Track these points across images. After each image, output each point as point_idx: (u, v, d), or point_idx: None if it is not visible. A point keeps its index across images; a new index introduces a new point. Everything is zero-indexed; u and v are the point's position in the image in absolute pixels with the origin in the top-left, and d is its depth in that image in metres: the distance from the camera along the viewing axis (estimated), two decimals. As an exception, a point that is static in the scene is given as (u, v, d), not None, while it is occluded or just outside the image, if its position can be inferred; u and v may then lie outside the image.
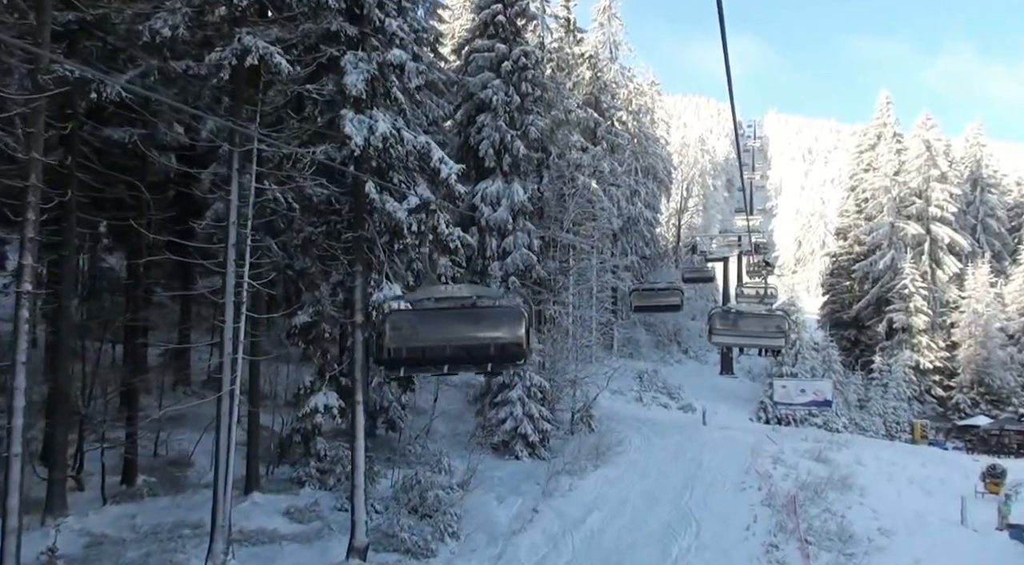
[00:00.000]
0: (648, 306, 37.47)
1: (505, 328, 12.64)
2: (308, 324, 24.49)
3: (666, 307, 37.78)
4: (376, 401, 33.00)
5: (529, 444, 36.74)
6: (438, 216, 23.57)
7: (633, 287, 37.43)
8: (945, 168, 77.24)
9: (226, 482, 21.12)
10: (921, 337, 71.59)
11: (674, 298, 34.94)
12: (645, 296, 35.84)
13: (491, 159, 43.33)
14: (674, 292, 34.89)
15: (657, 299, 35.50)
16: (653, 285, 34.44)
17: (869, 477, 39.58)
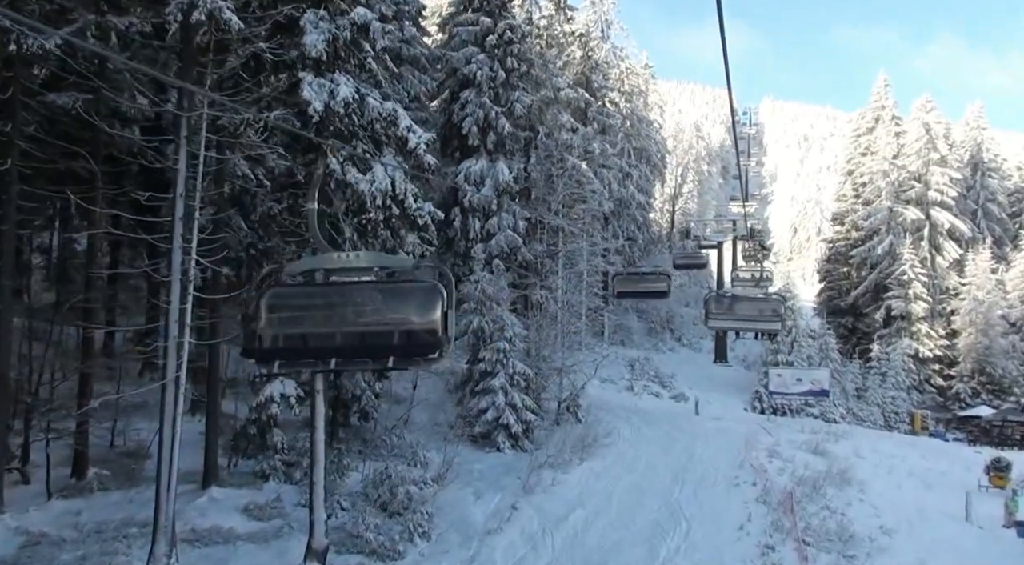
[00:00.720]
0: (632, 292, 34.05)
1: (415, 310, 9.15)
2: None
3: (652, 293, 34.76)
4: (348, 389, 31.17)
5: (512, 435, 34.88)
6: (406, 189, 21.62)
7: (617, 271, 34.17)
8: (945, 152, 75.37)
9: (170, 478, 19.32)
10: (920, 325, 69.92)
11: (661, 284, 31.70)
12: (629, 281, 32.40)
13: (475, 137, 41.54)
14: (660, 277, 31.79)
15: (642, 285, 32.21)
16: (638, 269, 31.45)
17: (868, 470, 37.93)
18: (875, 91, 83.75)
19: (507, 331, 35.75)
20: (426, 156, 22.07)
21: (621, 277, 31.44)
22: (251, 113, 18.81)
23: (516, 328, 36.48)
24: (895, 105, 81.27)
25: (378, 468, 27.30)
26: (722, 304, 22.81)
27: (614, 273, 32.16)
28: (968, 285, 70.44)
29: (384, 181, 20.74)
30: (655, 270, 31.19)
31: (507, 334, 35.68)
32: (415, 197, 22.49)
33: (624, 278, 31.47)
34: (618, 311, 70.65)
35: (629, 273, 31.49)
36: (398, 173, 21.39)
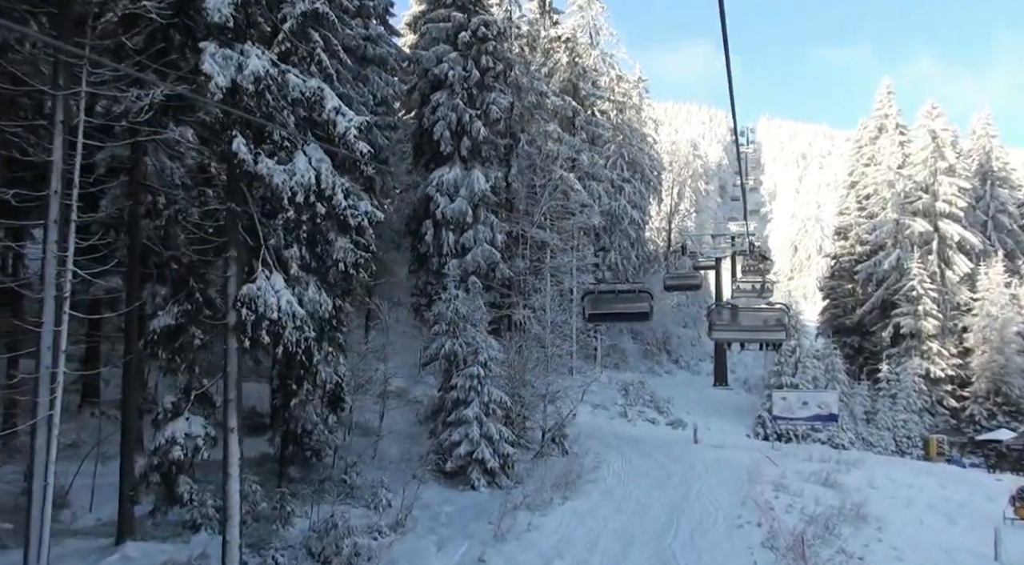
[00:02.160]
0: (607, 314, 26.20)
1: None
2: (172, 328, 18.64)
3: (630, 316, 27.41)
4: (299, 423, 27.53)
5: (487, 471, 31.21)
6: (334, 183, 17.98)
7: (587, 289, 26.24)
8: (953, 160, 71.73)
9: (40, 540, 15.59)
10: (931, 343, 66.14)
11: (641, 304, 24.48)
12: (603, 301, 24.72)
13: (447, 142, 38.10)
14: (640, 296, 24.49)
15: (619, 305, 24.64)
16: (613, 286, 24.46)
17: (885, 504, 34.23)
18: (878, 99, 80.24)
19: (482, 355, 32.12)
20: (358, 143, 18.41)
21: (592, 296, 24.07)
22: (132, 90, 15.18)
23: (492, 351, 32.84)
24: (899, 113, 77.83)
25: (329, 515, 23.66)
26: (725, 315, 22.62)
27: (583, 291, 25.33)
28: (981, 300, 66.71)
29: (307, 174, 17.15)
30: (634, 287, 24.33)
31: (481, 358, 32.05)
32: (347, 193, 18.84)
33: (596, 298, 24.16)
34: (611, 332, 67.08)
35: (602, 291, 24.27)
36: (324, 165, 17.81)
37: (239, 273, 17.19)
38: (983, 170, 78.88)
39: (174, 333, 18.61)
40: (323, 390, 27.42)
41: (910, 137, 76.03)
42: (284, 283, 16.94)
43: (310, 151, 17.78)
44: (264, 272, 16.73)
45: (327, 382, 27.28)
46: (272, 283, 16.65)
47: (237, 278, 17.10)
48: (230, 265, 17.25)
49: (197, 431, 17.97)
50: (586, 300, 23.25)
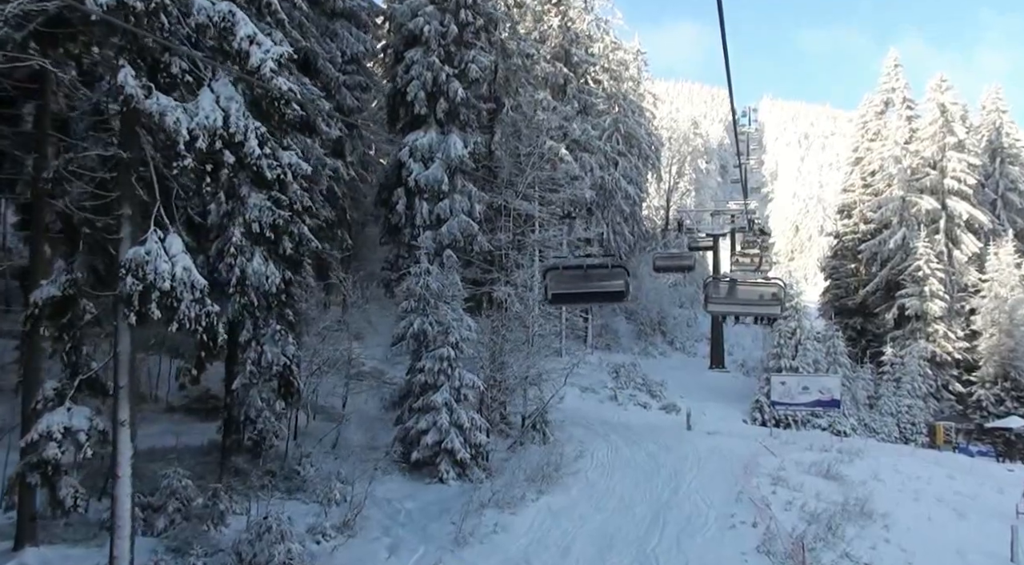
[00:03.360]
0: (573, 295, 20.40)
1: None
2: (57, 301, 15.56)
3: (602, 296, 21.61)
4: (242, 409, 24.77)
5: (458, 463, 28.46)
6: (247, 127, 15.06)
7: (549, 265, 19.27)
8: (963, 135, 68.44)
9: None
10: (937, 325, 63.17)
11: (615, 281, 19.06)
12: (568, 279, 19.13)
13: (422, 104, 35.20)
14: (614, 272, 19.08)
15: (588, 284, 19.16)
16: (581, 261, 17.84)
17: (891, 498, 31.65)
18: (884, 72, 76.77)
19: (453, 335, 29.30)
20: (278, 79, 15.46)
21: (556, 273, 18.82)
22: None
23: (465, 331, 29.98)
24: (907, 86, 74.40)
25: (263, 515, 20.87)
26: (721, 288, 21.92)
27: (544, 267, 18.78)
28: (989, 281, 63.65)
29: (212, 114, 14.24)
30: (606, 261, 18.93)
31: (452, 338, 29.23)
32: (263, 139, 15.88)
33: (560, 274, 18.80)
34: (604, 312, 64.34)
35: (568, 267, 18.60)
36: (235, 105, 14.90)
37: (133, 235, 14.32)
38: (992, 147, 75.65)
39: (61, 306, 15.65)
40: (270, 372, 24.65)
41: (917, 112, 72.88)
42: (183, 246, 14.04)
43: (219, 88, 14.86)
44: (157, 233, 13.84)
45: (274, 364, 24.49)
46: (167, 246, 13.77)
47: (130, 240, 14.23)
48: (123, 224, 14.37)
49: (80, 424, 14.91)
50: (548, 277, 17.91)
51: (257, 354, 24.40)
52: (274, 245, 24.06)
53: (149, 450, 25.97)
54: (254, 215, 17.67)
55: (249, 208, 17.61)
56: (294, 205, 19.35)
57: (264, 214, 17.97)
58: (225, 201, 17.85)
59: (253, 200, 17.72)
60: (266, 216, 17.98)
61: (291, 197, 18.86)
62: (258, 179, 16.70)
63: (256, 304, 23.93)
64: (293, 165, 17.00)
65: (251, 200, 17.71)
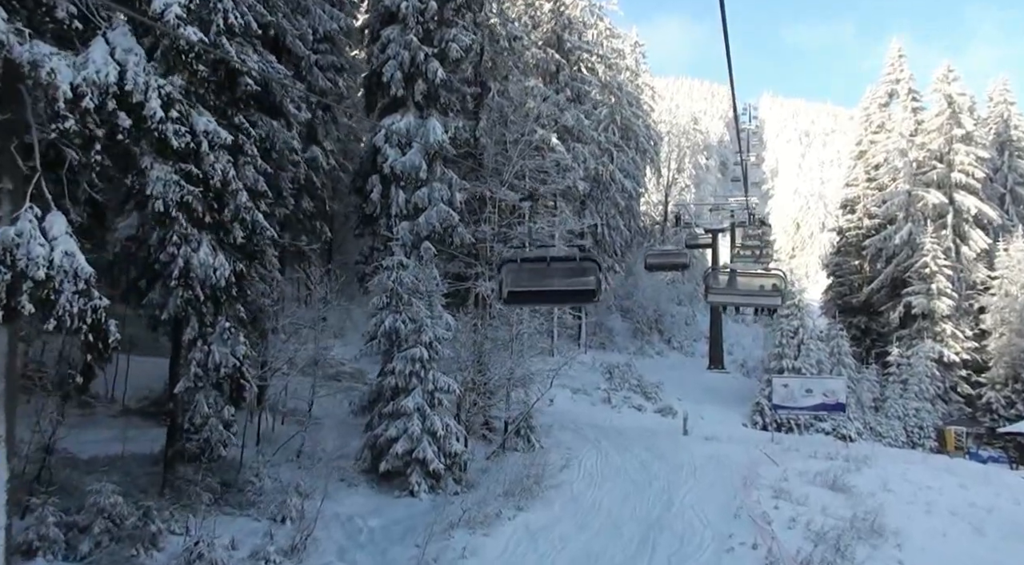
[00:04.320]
0: (532, 293, 15.42)
1: None
2: None
3: (569, 296, 16.84)
4: (186, 414, 22.36)
5: (430, 474, 26.05)
6: (147, 84, 12.62)
7: (506, 257, 15.21)
8: (971, 127, 65.86)
9: None
10: (945, 324, 60.69)
11: (585, 278, 14.65)
12: (527, 274, 14.68)
13: (398, 85, 32.73)
14: (584, 266, 14.68)
15: (551, 281, 14.82)
16: (544, 253, 13.57)
17: (902, 511, 29.40)
18: (888, 62, 74.36)
19: (426, 334, 26.85)
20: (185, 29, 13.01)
21: (513, 266, 14.66)
22: None
23: (440, 329, 27.55)
24: (912, 78, 71.90)
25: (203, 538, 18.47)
26: (721, 279, 21.47)
27: (500, 260, 14.10)
28: (999, 278, 61.23)
29: (104, 69, 11.83)
30: (573, 253, 14.69)
31: (425, 338, 26.78)
32: (168, 101, 13.40)
33: (518, 269, 14.64)
34: (598, 309, 61.88)
35: (527, 259, 14.52)
36: (133, 58, 12.48)
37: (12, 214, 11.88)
38: (1000, 140, 73.02)
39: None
40: (218, 375, 22.21)
41: (923, 104, 70.47)
42: (68, 228, 11.61)
43: (116, 39, 12.43)
44: (33, 210, 11.41)
45: (222, 365, 22.05)
46: (46, 226, 11.37)
47: (8, 220, 11.81)
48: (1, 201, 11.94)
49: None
50: (504, 272, 14.08)
51: (203, 355, 21.96)
52: (225, 233, 21.77)
53: (91, 459, 23.76)
54: (158, 190, 15.05)
55: (151, 182, 14.96)
56: (211, 180, 16.77)
57: (170, 190, 15.33)
58: (126, 175, 15.29)
59: (156, 173, 15.09)
60: (172, 192, 15.35)
61: (207, 171, 16.29)
62: (163, 148, 14.25)
63: (202, 298, 21.57)
64: (210, 133, 14.54)
65: (153, 173, 15.07)
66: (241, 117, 22.95)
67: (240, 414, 28.73)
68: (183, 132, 14.05)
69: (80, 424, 26.63)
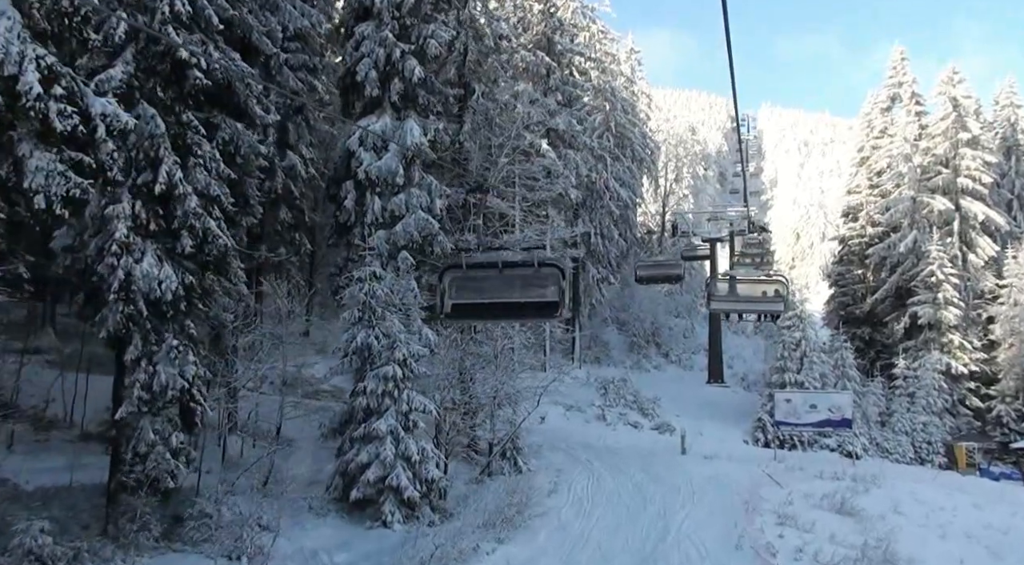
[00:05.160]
0: (480, 306, 11.84)
1: None
2: None
3: (524, 309, 11.81)
4: (129, 445, 20.29)
5: (405, 502, 24.00)
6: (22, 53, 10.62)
7: (449, 262, 11.93)
8: (977, 131, 63.80)
9: None
10: (952, 335, 58.49)
11: (545, 290, 11.09)
12: (474, 283, 11.45)
13: (373, 85, 30.78)
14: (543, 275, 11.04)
15: (503, 292, 11.28)
16: (495, 256, 11.21)
17: (915, 536, 27.40)
18: (891, 65, 72.18)
19: (399, 350, 24.80)
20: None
21: (458, 274, 11.57)
22: None
23: (415, 345, 25.51)
24: (915, 81, 69.79)
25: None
26: (723, 286, 21.86)
27: (443, 266, 11.87)
28: (1007, 287, 58.96)
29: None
30: (530, 257, 11.06)
31: (399, 355, 24.73)
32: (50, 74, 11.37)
33: (464, 277, 11.58)
34: (593, 321, 59.97)
35: (474, 265, 11.27)
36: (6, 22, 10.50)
37: None
38: (1007, 144, 70.81)
39: None
40: (164, 398, 20.16)
41: (926, 108, 68.38)
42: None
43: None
44: None
45: (169, 387, 20.00)
46: None
47: None
48: None
49: None
50: (446, 280, 11.43)
51: (148, 376, 19.93)
52: (173, 242, 19.79)
53: (37, 490, 21.79)
54: (38, 183, 12.92)
55: (29, 173, 12.82)
56: (110, 172, 14.63)
57: (53, 183, 13.16)
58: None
59: (36, 162, 12.94)
60: (56, 186, 13.21)
61: (104, 161, 14.16)
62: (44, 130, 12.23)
63: (145, 314, 19.55)
64: (109, 116, 12.49)
65: (33, 161, 12.91)
66: (190, 114, 20.97)
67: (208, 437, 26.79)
68: (70, 113, 12.05)
69: (34, 451, 24.76)
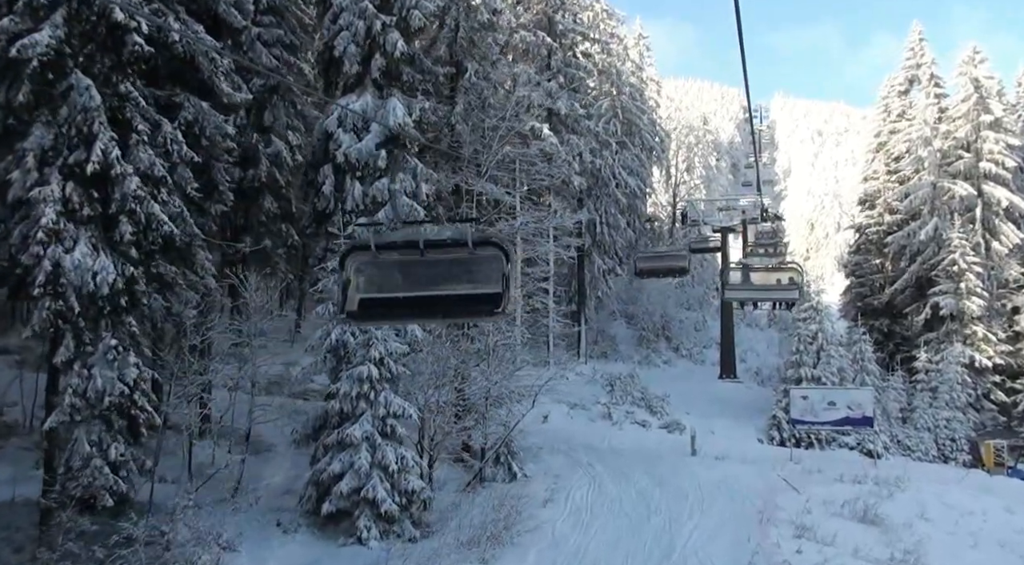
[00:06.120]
0: (394, 302, 7.55)
1: None
2: None
3: (457, 305, 7.49)
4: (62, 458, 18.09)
5: (382, 517, 21.72)
6: None
7: (353, 242, 7.91)
8: (1000, 112, 60.88)
9: None
10: (976, 326, 55.77)
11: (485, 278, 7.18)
12: (385, 270, 7.47)
13: (353, 60, 28.51)
14: (479, 259, 7.13)
15: (424, 284, 7.41)
16: (415, 232, 7.20)
17: (944, 545, 25.47)
18: (908, 46, 69.15)
19: (376, 349, 22.51)
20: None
21: (363, 257, 7.40)
22: None
23: (392, 343, 23.19)
24: (934, 62, 66.94)
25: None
26: (737, 275, 21.16)
27: (345, 248, 7.52)
28: (1033, 276, 56.63)
29: None
30: (460, 232, 7.10)
31: (375, 353, 22.44)
32: None
33: (372, 262, 7.45)
34: (600, 314, 57.64)
35: (384, 245, 7.20)
36: None
37: None
38: (1030, 126, 68.24)
39: None
40: (101, 405, 17.91)
41: (946, 90, 65.65)
42: None
43: None
44: None
45: (107, 393, 17.75)
46: None
47: None
48: None
49: None
50: (349, 265, 7.42)
51: (83, 380, 17.68)
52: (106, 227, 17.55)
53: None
54: None
55: None
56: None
57: None
58: None
59: None
60: None
61: None
62: None
63: (78, 311, 17.32)
64: None
65: None
66: (129, 85, 18.72)
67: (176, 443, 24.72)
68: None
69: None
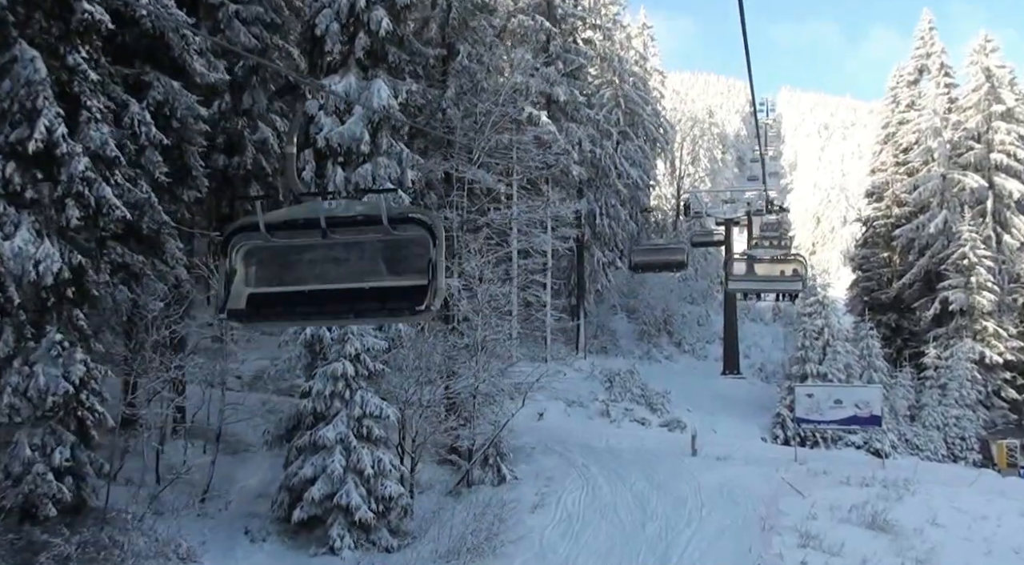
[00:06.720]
0: (290, 297, 6.30)
1: None
2: None
3: (370, 301, 6.12)
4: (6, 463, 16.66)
5: (357, 525, 20.31)
6: None
7: (238, 222, 6.40)
8: (1012, 102, 59.32)
9: None
10: (986, 321, 54.16)
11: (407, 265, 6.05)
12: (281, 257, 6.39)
13: (335, 39, 27.06)
14: (401, 240, 6.04)
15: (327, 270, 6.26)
16: (315, 209, 6.19)
17: (957, 553, 24.31)
18: (918, 35, 67.74)
19: (351, 344, 21.07)
20: None
21: (253, 240, 6.26)
22: None
23: (369, 338, 21.75)
24: (944, 51, 65.46)
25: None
26: (741, 266, 21.33)
27: (230, 229, 6.43)
28: (1045, 271, 55.12)
29: None
30: (375, 209, 5.93)
31: (350, 349, 21.00)
32: None
33: (264, 248, 6.34)
34: (601, 308, 56.18)
35: (276, 225, 6.17)
36: None
37: None
38: (1041, 117, 66.65)
39: None
40: (44, 406, 16.48)
41: (956, 80, 64.17)
42: None
43: None
44: None
45: (50, 392, 16.31)
46: None
47: None
48: None
49: None
50: (235, 253, 6.21)
51: (24, 378, 16.24)
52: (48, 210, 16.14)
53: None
54: None
55: None
56: None
57: None
58: None
59: None
60: None
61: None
62: None
63: (18, 302, 15.90)
64: None
65: None
66: (79, 57, 17.28)
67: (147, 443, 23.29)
68: None
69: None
